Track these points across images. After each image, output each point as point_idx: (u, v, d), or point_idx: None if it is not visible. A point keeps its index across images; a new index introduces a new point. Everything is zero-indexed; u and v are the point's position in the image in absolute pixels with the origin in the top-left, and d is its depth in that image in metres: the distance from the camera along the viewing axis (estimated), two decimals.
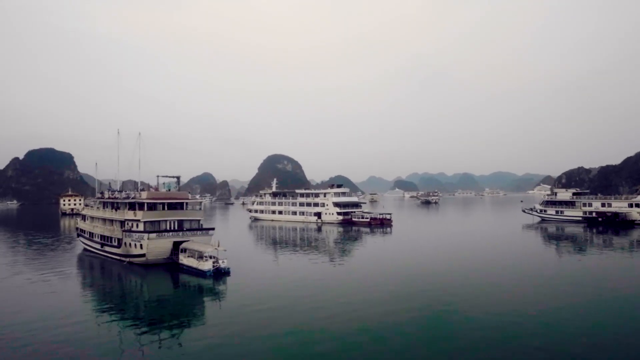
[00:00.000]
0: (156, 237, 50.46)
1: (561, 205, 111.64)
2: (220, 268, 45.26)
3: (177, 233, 51.99)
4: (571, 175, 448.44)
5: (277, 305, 34.09)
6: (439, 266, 50.60)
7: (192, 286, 43.27)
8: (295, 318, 30.94)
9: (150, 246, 50.19)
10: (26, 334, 27.99)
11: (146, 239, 50.00)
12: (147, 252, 50.42)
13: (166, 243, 51.22)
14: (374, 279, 44.01)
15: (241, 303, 35.16)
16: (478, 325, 28.61)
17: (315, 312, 32.19)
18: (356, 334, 27.25)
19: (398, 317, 30.64)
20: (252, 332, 27.84)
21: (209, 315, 33.33)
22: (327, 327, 28.67)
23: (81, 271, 52.50)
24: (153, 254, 50.84)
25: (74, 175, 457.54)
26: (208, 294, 40.23)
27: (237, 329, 28.58)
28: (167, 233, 51.53)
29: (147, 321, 31.72)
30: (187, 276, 46.86)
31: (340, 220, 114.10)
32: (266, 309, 33.01)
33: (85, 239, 68.42)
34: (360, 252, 64.16)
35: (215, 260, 45.91)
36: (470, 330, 27.70)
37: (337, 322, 29.74)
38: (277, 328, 28.72)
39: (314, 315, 31.38)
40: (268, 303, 34.80)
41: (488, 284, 40.91)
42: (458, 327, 28.61)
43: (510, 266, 50.05)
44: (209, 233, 54.57)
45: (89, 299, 38.56)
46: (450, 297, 36.02)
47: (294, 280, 43.77)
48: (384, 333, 27.52)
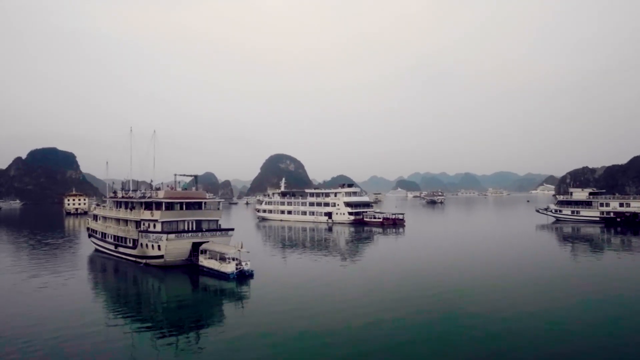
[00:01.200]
0: (175, 238, 48.63)
1: (577, 205, 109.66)
2: (243, 270, 43.44)
3: (197, 234, 50.17)
4: (576, 175, 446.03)
5: (302, 309, 32.70)
6: (458, 269, 48.92)
7: (213, 289, 41.65)
8: (321, 323, 29.49)
9: (169, 247, 48.37)
10: (39, 338, 26.99)
11: (165, 240, 48.17)
12: (166, 254, 48.59)
13: (185, 244, 49.40)
14: (397, 281, 42.33)
15: (265, 307, 33.87)
16: (496, 331, 27.45)
17: (341, 317, 30.84)
18: (381, 341, 25.83)
19: (422, 323, 29.41)
20: (277, 337, 26.74)
21: (231, 319, 31.79)
22: (354, 333, 27.42)
23: (95, 273, 50.97)
24: (172, 255, 49.02)
25: (77, 175, 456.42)
26: (230, 297, 38.62)
27: (261, 334, 27.36)
28: (186, 234, 49.70)
29: (165, 325, 30.34)
30: (207, 278, 45.15)
31: (351, 221, 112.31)
32: (291, 313, 31.85)
33: (97, 239, 66.64)
34: (378, 254, 62.39)
35: (238, 262, 44.08)
36: (490, 338, 26.37)
37: (364, 327, 28.44)
38: (302, 333, 27.38)
39: (340, 320, 29.99)
40: (293, 307, 33.50)
41: (506, 288, 39.48)
42: (478, 333, 27.34)
43: (529, 269, 48.36)
44: (228, 234, 52.79)
45: (104, 302, 37.14)
46: (470, 302, 34.77)
47: (317, 283, 42.07)
48: (409, 337, 26.43)
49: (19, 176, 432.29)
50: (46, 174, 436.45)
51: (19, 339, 26.67)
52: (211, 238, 50.42)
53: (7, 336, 27.38)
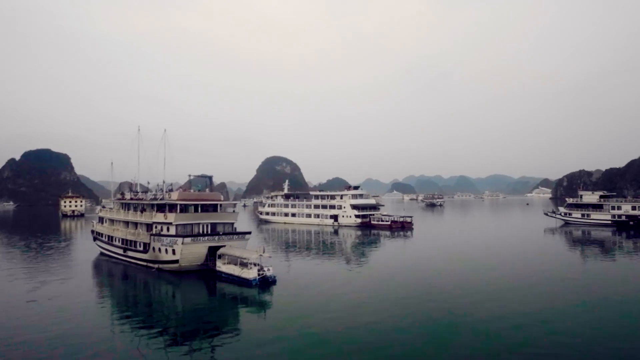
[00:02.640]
0: (191, 242, 46.32)
1: (587, 209, 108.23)
2: (266, 276, 41.22)
3: (213, 237, 47.86)
4: (572, 178, 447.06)
5: (329, 319, 30.76)
6: (474, 273, 47.86)
7: (232, 296, 39.54)
8: (348, 333, 27.86)
9: (185, 252, 46.05)
10: (47, 346, 25.93)
11: (180, 244, 45.86)
12: (181, 258, 46.28)
13: (201, 248, 47.10)
14: (425, 289, 40.28)
15: (289, 314, 32.26)
16: (516, 340, 26.44)
17: (366, 325, 29.29)
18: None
19: (453, 331, 28.21)
20: (303, 348, 25.20)
21: (252, 327, 29.89)
22: (385, 343, 25.81)
23: (103, 278, 48.87)
24: (187, 260, 46.72)
25: (71, 176, 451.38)
26: (252, 304, 36.59)
27: (286, 343, 26.05)
28: (202, 237, 47.36)
29: (180, 333, 28.73)
30: (226, 285, 42.97)
31: (358, 223, 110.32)
32: (317, 322, 29.96)
33: (103, 242, 64.13)
34: (396, 259, 60.38)
35: (260, 267, 41.87)
36: (506, 346, 25.55)
37: (395, 338, 26.84)
38: (330, 344, 25.83)
39: (365, 330, 28.39)
40: (318, 315, 31.72)
41: (519, 293, 38.57)
42: (497, 341, 26.49)
43: (542, 273, 47.07)
44: (245, 237, 50.63)
45: (115, 309, 35.35)
46: (486, 307, 33.75)
47: (342, 290, 39.86)
48: (438, 347, 25.43)
49: (12, 178, 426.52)
50: (40, 175, 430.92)
51: (24, 353, 25.17)
52: (228, 242, 48.20)
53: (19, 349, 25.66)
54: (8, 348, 25.77)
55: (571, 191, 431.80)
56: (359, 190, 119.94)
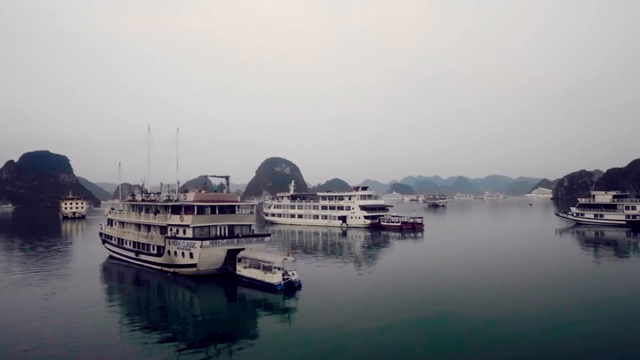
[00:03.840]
0: (210, 245, 44.37)
1: (600, 209, 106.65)
2: (291, 281, 39.33)
3: (232, 240, 45.94)
4: (573, 178, 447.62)
5: (359, 326, 29.01)
6: (491, 274, 46.76)
7: (255, 301, 37.69)
8: (379, 342, 26.16)
9: (203, 255, 44.12)
10: (58, 353, 24.80)
11: (198, 247, 43.92)
12: (199, 262, 44.35)
13: (220, 251, 45.17)
14: (451, 294, 38.47)
15: (317, 321, 30.27)
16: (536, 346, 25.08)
17: (400, 334, 27.49)
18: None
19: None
20: (332, 356, 23.83)
21: (277, 335, 28.10)
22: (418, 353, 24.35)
23: (114, 283, 47.00)
24: (205, 264, 44.80)
25: (70, 178, 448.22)
26: (276, 310, 34.77)
27: (313, 351, 24.70)
28: (221, 240, 45.43)
29: (198, 340, 27.28)
30: (247, 290, 41.05)
31: (367, 225, 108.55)
32: (347, 330, 28.19)
33: (112, 245, 62.14)
34: (420, 261, 58.58)
35: (284, 271, 39.99)
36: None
37: (427, 346, 25.40)
38: (360, 354, 24.17)
39: (398, 339, 26.60)
40: (349, 323, 29.83)
41: (535, 294, 37.33)
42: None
43: (560, 277, 45.25)
44: (264, 240, 48.72)
45: (127, 314, 33.60)
46: (503, 309, 32.51)
47: (371, 296, 38.05)
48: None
49: (10, 179, 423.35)
50: (39, 177, 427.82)
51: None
52: (247, 244, 46.30)
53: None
54: (17, 355, 24.51)
55: (572, 191, 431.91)
56: (367, 190, 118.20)
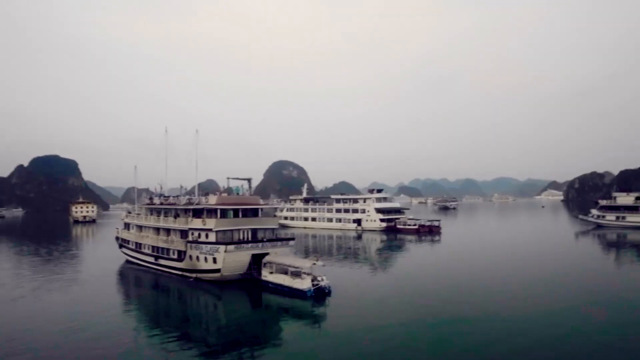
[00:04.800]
0: (235, 250, 42.94)
1: (622, 211, 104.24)
2: (321, 287, 37.78)
3: (257, 244, 44.51)
4: (584, 180, 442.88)
5: (393, 333, 27.95)
6: (517, 279, 44.83)
7: (282, 308, 36.36)
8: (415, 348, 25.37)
9: (227, 260, 42.70)
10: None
11: (222, 252, 42.50)
12: (223, 267, 42.93)
13: (244, 256, 43.76)
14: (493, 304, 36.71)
15: (349, 329, 28.99)
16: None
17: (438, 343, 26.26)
18: None
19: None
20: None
21: (307, 344, 26.97)
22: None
23: (134, 288, 46.06)
24: (229, 269, 43.38)
25: (79, 182, 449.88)
26: (305, 317, 33.46)
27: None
28: (246, 244, 43.99)
29: (221, 347, 26.54)
30: (273, 296, 39.63)
31: (383, 228, 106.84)
32: (380, 337, 27.07)
33: (130, 250, 60.94)
34: (444, 264, 56.78)
35: (313, 277, 38.49)
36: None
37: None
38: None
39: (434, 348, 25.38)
40: (382, 330, 28.61)
41: (561, 303, 35.38)
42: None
43: (584, 283, 43.52)
44: (289, 244, 47.29)
45: (148, 321, 32.83)
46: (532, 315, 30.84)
47: (402, 302, 36.56)
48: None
49: (20, 184, 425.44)
50: (48, 181, 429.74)
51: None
52: (272, 249, 44.87)
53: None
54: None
55: (583, 193, 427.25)
56: (382, 193, 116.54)
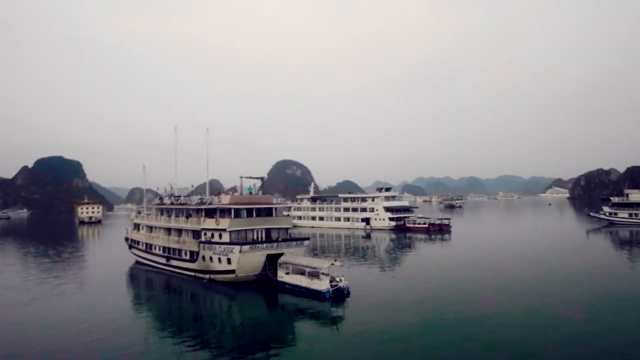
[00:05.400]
0: (250, 250, 42.05)
1: (635, 208, 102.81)
2: (340, 288, 36.85)
3: (272, 244, 43.61)
4: (590, 177, 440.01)
5: (414, 335, 27.15)
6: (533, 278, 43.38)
7: (299, 309, 35.40)
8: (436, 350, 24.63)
9: (242, 260, 41.84)
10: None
11: (237, 252, 41.62)
12: (238, 268, 42.06)
13: (259, 256, 42.89)
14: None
15: (369, 331, 28.20)
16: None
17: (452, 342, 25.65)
18: None
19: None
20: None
21: (326, 347, 26.19)
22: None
23: (146, 290, 45.22)
24: (244, 270, 42.53)
25: (84, 183, 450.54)
26: (323, 319, 32.49)
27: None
28: (261, 244, 43.09)
29: (236, 350, 25.91)
30: (289, 297, 38.75)
31: (392, 226, 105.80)
32: (401, 340, 26.34)
33: (140, 250, 60.18)
34: (463, 264, 55.50)
35: (332, 278, 37.55)
36: None
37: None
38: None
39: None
40: (402, 332, 27.79)
41: (577, 302, 34.64)
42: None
43: (600, 282, 42.46)
44: (304, 243, 46.36)
45: (161, 323, 32.01)
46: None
47: (419, 300, 35.89)
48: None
49: (25, 185, 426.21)
50: (53, 182, 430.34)
51: None
52: (286, 249, 43.97)
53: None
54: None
55: (589, 190, 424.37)
56: (391, 192, 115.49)
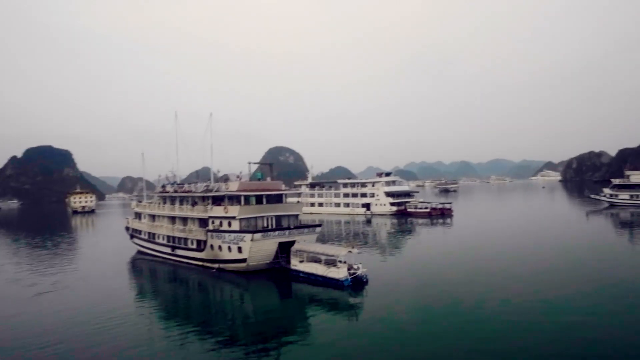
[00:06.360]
0: (261, 238, 40.64)
1: (636, 189, 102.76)
2: (358, 276, 35.66)
3: (284, 232, 42.20)
4: (582, 160, 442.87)
5: (437, 325, 25.82)
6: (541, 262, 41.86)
7: (316, 299, 34.07)
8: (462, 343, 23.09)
9: (254, 249, 40.43)
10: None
11: (248, 241, 40.19)
12: (250, 257, 40.66)
13: (271, 245, 41.50)
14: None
15: (389, 320, 27.13)
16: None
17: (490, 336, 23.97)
18: None
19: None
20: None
21: (346, 337, 24.98)
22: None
23: (152, 281, 43.93)
24: (256, 259, 41.17)
25: (74, 172, 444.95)
26: (342, 309, 31.21)
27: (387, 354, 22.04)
28: (273, 232, 41.67)
29: (250, 342, 24.77)
30: (304, 286, 37.50)
31: (393, 212, 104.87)
32: (425, 331, 25.11)
33: (142, 240, 58.59)
34: (467, 247, 54.47)
35: (349, 266, 36.33)
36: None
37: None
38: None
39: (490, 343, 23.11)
40: (426, 322, 26.56)
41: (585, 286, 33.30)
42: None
43: (606, 264, 41.30)
44: (315, 230, 45.03)
45: (170, 315, 30.82)
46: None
47: (438, 287, 34.60)
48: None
49: (15, 175, 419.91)
50: (43, 172, 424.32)
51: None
52: (298, 236, 42.61)
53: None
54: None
55: (581, 173, 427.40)
56: (391, 177, 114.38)
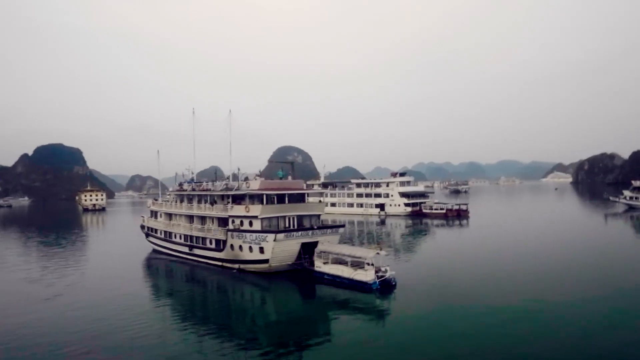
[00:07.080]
0: (284, 238, 39.46)
1: None
2: (387, 279, 34.36)
3: (307, 232, 40.99)
4: (594, 161, 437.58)
5: (472, 330, 24.74)
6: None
7: (341, 302, 32.83)
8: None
9: (277, 249, 39.26)
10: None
11: (271, 241, 39.02)
12: (272, 257, 39.51)
13: (294, 245, 40.30)
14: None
15: (419, 325, 26.23)
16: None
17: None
18: None
19: None
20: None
21: (374, 343, 23.78)
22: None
23: (169, 281, 43.14)
24: (278, 260, 39.99)
25: (84, 170, 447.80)
26: (369, 313, 30.03)
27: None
28: (296, 232, 40.48)
29: (273, 345, 23.96)
30: (328, 288, 36.29)
31: (408, 212, 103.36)
32: (457, 335, 24.14)
33: (158, 239, 57.66)
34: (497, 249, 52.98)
35: (377, 268, 35.04)
36: None
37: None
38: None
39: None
40: (459, 326, 25.46)
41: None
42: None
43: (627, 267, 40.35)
44: (339, 231, 43.78)
45: (189, 317, 29.95)
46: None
47: (471, 292, 33.20)
48: None
49: (25, 173, 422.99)
50: (53, 170, 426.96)
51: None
52: (321, 237, 41.37)
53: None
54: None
55: (593, 175, 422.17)
56: (406, 177, 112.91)
